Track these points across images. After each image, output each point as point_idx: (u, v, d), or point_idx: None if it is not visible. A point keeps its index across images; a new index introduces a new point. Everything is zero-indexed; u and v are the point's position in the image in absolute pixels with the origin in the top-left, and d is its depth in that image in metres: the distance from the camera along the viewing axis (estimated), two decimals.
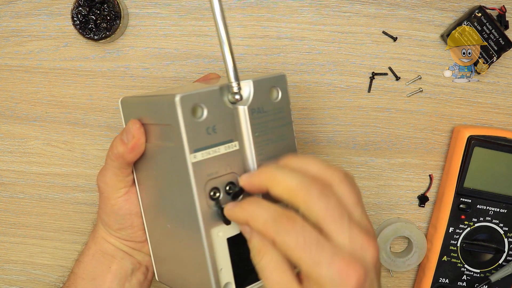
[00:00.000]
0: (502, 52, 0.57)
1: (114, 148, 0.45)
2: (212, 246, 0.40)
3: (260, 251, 0.38)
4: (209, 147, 0.39)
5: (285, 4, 0.58)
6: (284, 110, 0.43)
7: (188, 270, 0.44)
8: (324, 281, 0.34)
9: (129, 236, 0.49)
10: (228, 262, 0.41)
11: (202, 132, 0.39)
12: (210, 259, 0.40)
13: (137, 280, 0.50)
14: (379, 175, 0.62)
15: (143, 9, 0.59)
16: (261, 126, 0.42)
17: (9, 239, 0.65)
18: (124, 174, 0.46)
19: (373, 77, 0.60)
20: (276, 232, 0.36)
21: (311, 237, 0.35)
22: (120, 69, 0.60)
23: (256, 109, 0.41)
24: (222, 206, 0.40)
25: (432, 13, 0.58)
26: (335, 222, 0.35)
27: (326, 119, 0.61)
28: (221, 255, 0.41)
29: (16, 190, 0.64)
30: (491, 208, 0.59)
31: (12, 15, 0.59)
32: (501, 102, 0.61)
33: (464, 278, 0.61)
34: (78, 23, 0.57)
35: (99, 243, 0.50)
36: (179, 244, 0.43)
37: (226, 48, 0.39)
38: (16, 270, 0.66)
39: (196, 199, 0.39)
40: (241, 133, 0.41)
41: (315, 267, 0.34)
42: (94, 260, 0.50)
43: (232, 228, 0.41)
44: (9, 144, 0.63)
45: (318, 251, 0.34)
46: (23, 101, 0.62)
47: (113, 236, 0.49)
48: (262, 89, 0.42)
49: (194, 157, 0.39)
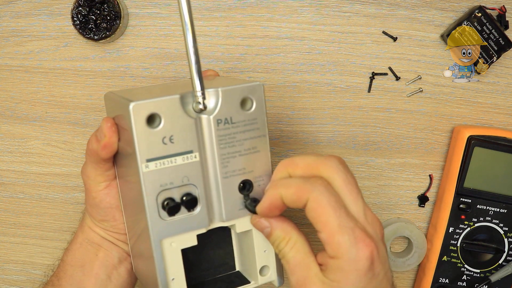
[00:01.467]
0: (502, 52, 0.57)
1: (89, 144, 0.45)
2: (163, 256, 0.40)
3: (285, 238, 0.40)
4: (164, 157, 0.38)
5: (285, 4, 0.58)
6: (258, 121, 0.41)
7: (147, 273, 0.43)
8: (342, 249, 0.37)
9: (112, 228, 0.49)
10: (181, 273, 0.41)
11: (157, 141, 0.38)
12: (158, 269, 0.40)
13: (125, 269, 0.50)
14: (379, 175, 0.62)
15: (143, 9, 0.59)
16: (228, 138, 0.40)
17: (9, 239, 0.65)
18: (102, 169, 0.46)
19: (373, 77, 0.60)
20: (311, 190, 0.38)
21: (341, 201, 0.38)
22: (120, 69, 0.60)
23: (223, 119, 0.40)
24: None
25: (432, 13, 0.58)
26: (352, 196, 0.39)
27: (326, 119, 0.61)
28: (173, 265, 0.40)
29: (16, 190, 0.64)
30: (491, 208, 0.59)
31: (12, 15, 0.59)
32: (501, 102, 0.61)
33: (464, 278, 0.61)
34: (78, 23, 0.57)
35: (86, 232, 0.50)
36: (142, 245, 0.43)
37: (191, 54, 0.37)
38: (16, 270, 0.66)
39: (146, 208, 0.38)
40: (203, 144, 0.40)
41: (339, 231, 0.37)
42: (82, 248, 0.50)
43: (188, 239, 0.41)
44: (9, 144, 0.63)
45: (345, 215, 0.37)
46: (23, 101, 0.62)
47: (97, 226, 0.50)
48: (232, 99, 0.40)
49: (146, 166, 0.38)
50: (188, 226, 0.40)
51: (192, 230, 0.41)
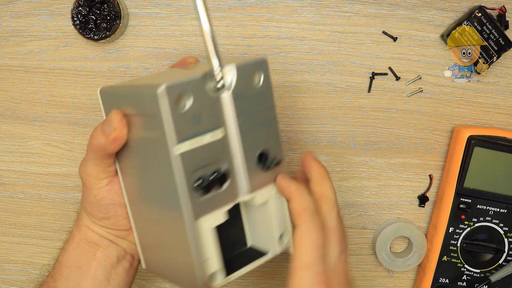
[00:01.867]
0: (502, 52, 0.57)
1: (95, 139, 0.44)
2: (198, 236, 0.40)
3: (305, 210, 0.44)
4: (194, 136, 0.39)
5: (285, 4, 0.58)
6: (267, 94, 0.42)
7: (175, 260, 0.43)
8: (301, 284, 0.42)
9: (113, 225, 0.48)
10: (215, 251, 0.41)
11: (186, 122, 0.38)
12: (195, 250, 0.40)
13: (123, 268, 0.50)
14: (379, 175, 0.62)
15: (143, 9, 0.59)
16: (245, 112, 0.41)
17: (9, 239, 0.65)
18: (105, 165, 0.46)
19: (373, 77, 0.60)
20: (307, 220, 0.43)
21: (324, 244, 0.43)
22: (120, 69, 0.60)
23: (239, 94, 0.41)
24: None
25: (432, 13, 0.58)
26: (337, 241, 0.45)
27: (326, 119, 0.61)
28: (207, 244, 0.40)
29: (16, 190, 0.64)
30: (491, 208, 0.59)
31: (12, 15, 0.59)
32: (501, 102, 0.61)
33: (464, 278, 0.61)
34: (78, 23, 0.57)
35: (83, 231, 0.49)
36: (165, 234, 0.43)
37: (208, 32, 0.38)
38: (16, 270, 0.66)
39: (179, 191, 0.38)
40: (225, 120, 0.40)
41: (306, 268, 0.41)
42: (79, 249, 0.49)
43: (218, 216, 0.41)
44: (9, 144, 0.63)
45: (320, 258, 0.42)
46: (23, 101, 0.62)
47: (97, 225, 0.49)
48: (244, 74, 0.41)
49: (178, 148, 0.38)
50: (219, 203, 0.41)
51: (223, 206, 0.41)
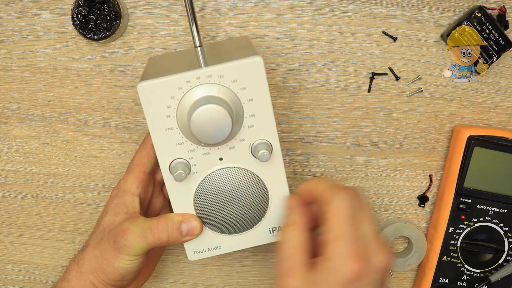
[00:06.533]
0: (502, 52, 0.57)
1: (167, 236, 0.49)
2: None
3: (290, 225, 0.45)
4: None
5: (285, 4, 0.58)
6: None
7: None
8: (335, 254, 0.40)
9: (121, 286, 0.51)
10: None
11: None
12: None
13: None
14: (379, 175, 0.62)
15: (143, 9, 0.59)
16: None
17: (9, 239, 0.65)
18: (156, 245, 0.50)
19: (373, 77, 0.60)
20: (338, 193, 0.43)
21: (358, 217, 0.42)
22: (120, 69, 0.60)
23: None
24: None
25: (432, 13, 0.58)
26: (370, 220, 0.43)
27: (326, 119, 0.61)
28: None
29: (16, 190, 0.64)
30: (491, 208, 0.59)
31: (12, 15, 0.59)
32: (501, 102, 0.61)
33: (464, 278, 0.61)
34: (78, 23, 0.57)
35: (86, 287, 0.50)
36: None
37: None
38: (16, 270, 0.66)
39: None
40: None
41: (342, 238, 0.40)
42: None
43: None
44: (9, 144, 0.63)
45: (355, 228, 0.41)
46: (23, 101, 0.62)
47: (102, 283, 0.50)
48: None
49: None
50: None
51: None
